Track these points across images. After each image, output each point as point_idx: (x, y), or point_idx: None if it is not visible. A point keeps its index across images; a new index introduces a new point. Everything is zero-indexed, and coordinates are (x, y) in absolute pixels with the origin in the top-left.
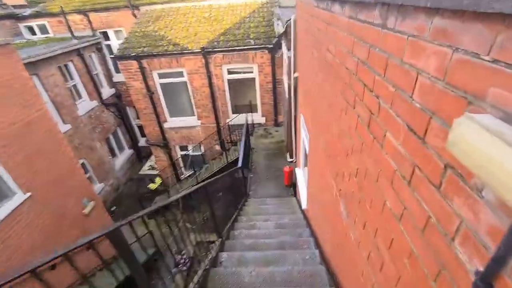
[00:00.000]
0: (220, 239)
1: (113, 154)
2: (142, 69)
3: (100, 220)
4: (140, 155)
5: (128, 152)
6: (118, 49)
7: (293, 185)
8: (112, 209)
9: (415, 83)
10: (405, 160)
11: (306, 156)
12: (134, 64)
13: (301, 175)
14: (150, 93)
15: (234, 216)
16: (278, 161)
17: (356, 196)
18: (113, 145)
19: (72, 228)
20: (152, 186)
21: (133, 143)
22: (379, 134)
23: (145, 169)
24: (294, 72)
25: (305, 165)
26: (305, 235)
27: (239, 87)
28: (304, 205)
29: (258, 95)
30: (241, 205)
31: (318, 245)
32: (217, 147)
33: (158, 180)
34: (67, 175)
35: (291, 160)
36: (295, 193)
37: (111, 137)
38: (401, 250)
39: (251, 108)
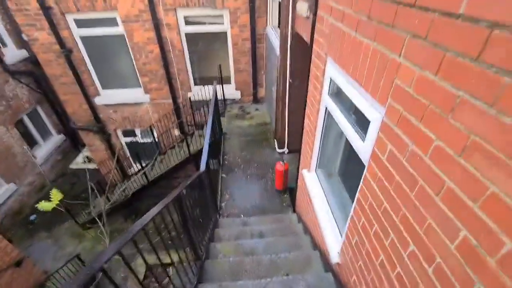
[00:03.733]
0: None
1: (31, 142)
2: (46, 10)
3: None
4: (77, 141)
5: (56, 138)
6: None
7: (289, 190)
8: (32, 218)
9: None
10: None
11: (317, 152)
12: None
13: (315, 185)
14: (66, 51)
15: None
16: (262, 152)
17: None
18: (31, 130)
19: None
20: (42, 205)
21: (65, 126)
22: None
23: (79, 162)
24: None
25: (319, 167)
26: None
27: (203, 45)
28: (335, 257)
29: (231, 59)
30: (206, 245)
31: None
32: (176, 132)
33: (55, 195)
34: None
35: (282, 150)
36: (293, 204)
37: (25, 119)
38: None
39: (222, 78)
